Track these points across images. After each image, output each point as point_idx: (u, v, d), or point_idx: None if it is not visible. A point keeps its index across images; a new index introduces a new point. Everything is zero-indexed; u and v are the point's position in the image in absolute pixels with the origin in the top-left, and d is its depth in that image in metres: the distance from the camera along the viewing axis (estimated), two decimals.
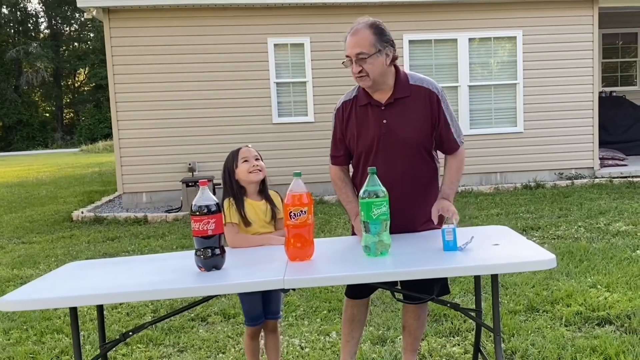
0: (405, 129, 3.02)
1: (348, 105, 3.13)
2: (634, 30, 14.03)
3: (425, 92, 3.04)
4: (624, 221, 7.22)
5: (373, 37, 2.94)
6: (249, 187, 3.22)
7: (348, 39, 2.98)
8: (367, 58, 2.92)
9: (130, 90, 10.24)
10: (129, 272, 2.77)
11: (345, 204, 3.22)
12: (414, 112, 3.03)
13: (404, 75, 3.09)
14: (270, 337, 3.38)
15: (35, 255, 7.27)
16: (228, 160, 3.26)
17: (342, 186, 3.22)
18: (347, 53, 2.96)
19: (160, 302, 5.08)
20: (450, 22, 10.81)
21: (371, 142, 3.05)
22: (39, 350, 4.23)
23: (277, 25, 10.45)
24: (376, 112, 3.06)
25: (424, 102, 3.03)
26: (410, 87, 3.05)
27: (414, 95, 3.04)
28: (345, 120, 3.13)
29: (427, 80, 3.10)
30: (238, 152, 3.23)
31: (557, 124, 11.07)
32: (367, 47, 2.92)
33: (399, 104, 3.03)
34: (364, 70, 2.93)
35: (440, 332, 4.12)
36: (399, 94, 3.03)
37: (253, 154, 3.23)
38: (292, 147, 10.20)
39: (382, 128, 3.04)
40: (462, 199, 9.65)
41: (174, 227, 8.65)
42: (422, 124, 3.04)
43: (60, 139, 46.02)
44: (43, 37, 51.71)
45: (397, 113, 3.03)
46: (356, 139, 3.10)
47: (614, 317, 4.16)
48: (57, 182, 16.82)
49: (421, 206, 3.08)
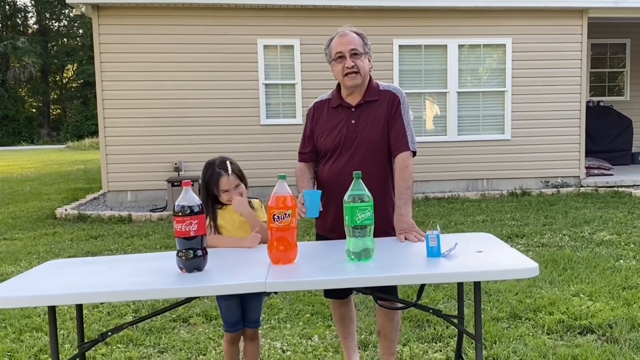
0: (369, 130, 3.18)
1: (321, 106, 3.31)
2: (623, 40, 14.13)
3: (390, 95, 3.22)
4: (608, 230, 7.26)
5: (361, 40, 3.17)
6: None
7: (337, 39, 3.15)
8: (360, 55, 3.12)
9: (117, 88, 10.18)
10: (110, 272, 2.73)
11: (299, 187, 3.26)
12: (379, 114, 3.19)
13: (375, 83, 3.27)
14: (249, 345, 3.32)
15: (16, 252, 7.19)
16: (207, 182, 3.18)
17: (300, 175, 3.32)
18: (339, 49, 3.12)
19: (142, 303, 5.04)
20: (441, 28, 10.84)
21: (338, 141, 3.19)
22: (17, 348, 4.17)
23: (267, 27, 10.42)
24: (346, 113, 3.22)
25: (387, 104, 3.20)
26: (379, 92, 3.24)
27: (381, 100, 3.21)
28: (316, 118, 3.30)
29: (393, 87, 3.30)
30: (219, 181, 3.14)
31: (544, 132, 11.13)
32: (359, 45, 3.14)
33: (368, 107, 3.20)
34: (356, 65, 3.10)
35: (422, 338, 4.11)
36: (369, 97, 3.21)
37: (233, 184, 3.17)
38: (279, 149, 10.15)
39: (349, 127, 3.19)
40: (448, 205, 9.66)
41: (158, 226, 8.59)
42: (383, 125, 3.18)
43: (47, 135, 45.73)
44: (31, 32, 51.38)
45: (365, 115, 3.19)
46: (324, 136, 3.23)
47: (596, 326, 4.17)
48: (41, 178, 16.69)
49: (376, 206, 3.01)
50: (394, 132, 3.17)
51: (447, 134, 11.04)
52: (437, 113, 11.15)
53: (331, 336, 4.20)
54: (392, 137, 3.18)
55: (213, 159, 3.24)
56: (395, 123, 3.17)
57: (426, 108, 11.14)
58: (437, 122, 11.14)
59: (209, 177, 3.19)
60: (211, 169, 3.20)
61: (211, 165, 3.21)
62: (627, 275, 5.32)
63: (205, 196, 3.18)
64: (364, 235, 2.63)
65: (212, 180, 3.18)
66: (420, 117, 11.06)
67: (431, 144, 10.88)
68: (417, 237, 2.99)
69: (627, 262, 5.79)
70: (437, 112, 11.14)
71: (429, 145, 10.80)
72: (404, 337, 4.09)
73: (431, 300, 4.86)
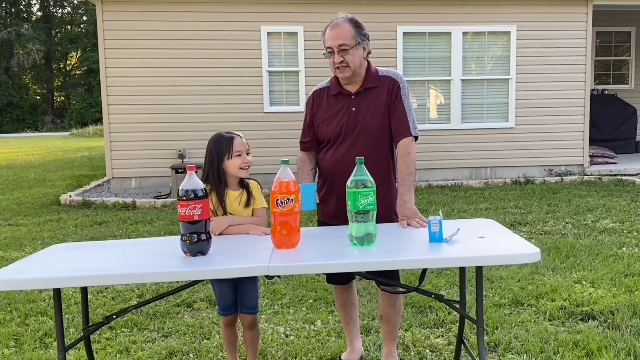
0: (370, 117, 3.18)
1: (320, 94, 3.30)
2: (628, 29, 14.07)
3: (390, 81, 3.21)
4: (611, 218, 7.26)
5: (353, 30, 3.11)
6: (231, 178, 3.15)
7: (328, 31, 3.12)
8: (348, 49, 3.08)
9: (121, 75, 10.18)
10: (114, 255, 2.76)
11: (299, 181, 3.23)
12: (379, 100, 3.18)
13: (374, 69, 3.25)
14: (248, 332, 3.32)
15: (21, 237, 7.23)
16: (218, 146, 3.10)
17: (300, 166, 3.33)
18: (329, 44, 3.11)
19: (146, 287, 5.07)
20: (445, 15, 10.80)
21: (340, 129, 3.19)
22: (23, 332, 4.21)
23: (271, 14, 10.40)
24: (346, 100, 3.21)
25: (387, 90, 3.19)
26: (379, 78, 3.22)
27: (381, 86, 3.20)
28: (315, 107, 3.29)
29: (393, 72, 3.27)
30: (232, 143, 3.09)
31: (548, 120, 11.11)
32: (349, 39, 3.08)
33: (368, 94, 3.20)
34: (345, 60, 3.09)
35: (424, 324, 4.13)
36: (369, 84, 3.20)
37: (246, 148, 3.14)
38: (283, 137, 10.15)
39: (350, 115, 3.19)
40: (452, 192, 9.67)
41: (162, 213, 8.62)
42: (384, 111, 3.18)
43: (51, 122, 45.77)
44: (35, 19, 51.30)
45: (365, 102, 3.19)
46: (325, 125, 3.23)
47: (598, 313, 4.19)
48: (46, 165, 16.73)
49: (379, 193, 2.99)
50: (395, 118, 3.17)
51: (450, 121, 11.03)
52: (441, 101, 11.13)
53: (334, 321, 4.22)
54: (393, 123, 3.18)
55: (216, 134, 3.17)
56: (396, 109, 3.17)
57: (430, 96, 11.12)
58: (441, 109, 11.12)
59: (219, 143, 3.09)
60: (219, 137, 3.12)
61: (218, 135, 3.15)
62: (630, 262, 5.33)
63: (215, 175, 3.09)
64: (366, 220, 2.65)
65: (223, 144, 3.08)
66: (424, 104, 11.05)
67: (435, 132, 10.88)
68: (419, 223, 3.00)
69: (629, 250, 5.80)
70: (441, 99, 11.13)
71: (432, 133, 10.80)
72: (406, 323, 4.12)
73: (434, 286, 4.88)
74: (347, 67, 3.09)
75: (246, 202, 3.15)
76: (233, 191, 3.15)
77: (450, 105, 11.01)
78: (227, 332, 3.35)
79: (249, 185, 3.19)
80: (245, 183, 3.19)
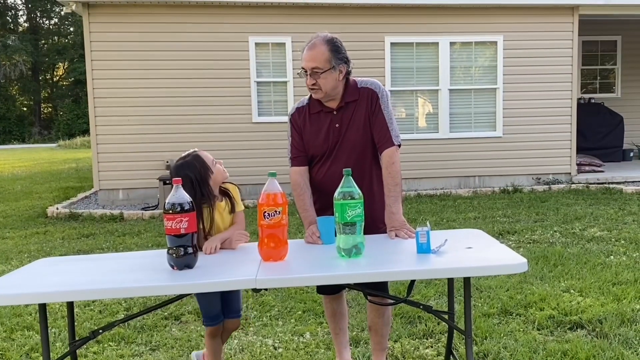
0: (353, 131, 3.15)
1: (302, 112, 3.24)
2: (614, 38, 14.20)
3: (368, 92, 3.17)
4: (599, 227, 7.29)
5: (329, 53, 3.05)
6: (215, 189, 3.14)
7: (305, 51, 3.10)
8: (321, 73, 3.04)
9: (108, 86, 10.15)
10: (100, 270, 2.74)
11: (301, 212, 3.23)
12: (359, 113, 3.16)
13: (353, 82, 3.20)
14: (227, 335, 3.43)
15: (7, 250, 7.17)
16: (195, 170, 3.04)
17: (300, 193, 3.23)
18: (303, 65, 3.09)
19: (133, 301, 5.03)
20: (432, 25, 10.85)
21: (325, 148, 3.17)
22: (9, 347, 4.16)
23: (259, 24, 10.41)
24: (329, 118, 3.18)
25: (366, 101, 3.16)
26: (358, 90, 3.18)
27: (360, 98, 3.16)
28: (300, 126, 3.23)
29: (371, 82, 3.22)
30: (202, 159, 3.08)
31: (535, 129, 11.17)
32: (323, 62, 3.04)
33: (349, 108, 3.17)
34: (317, 83, 3.05)
35: (413, 334, 4.12)
36: (349, 98, 3.16)
37: (211, 156, 3.20)
38: (271, 147, 10.14)
39: (334, 132, 3.16)
40: (440, 202, 9.69)
41: (150, 224, 8.58)
42: (365, 124, 3.16)
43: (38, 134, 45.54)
44: (22, 30, 51.11)
45: (347, 117, 3.16)
46: (311, 144, 3.20)
47: (586, 322, 4.19)
48: (32, 177, 16.62)
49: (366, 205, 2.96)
50: (377, 128, 3.15)
51: (438, 131, 11.07)
52: (429, 110, 11.17)
53: (323, 333, 4.21)
54: (375, 134, 3.16)
55: (181, 157, 3.12)
56: (376, 119, 3.15)
57: (418, 105, 11.16)
58: (429, 119, 11.16)
59: (193, 167, 3.05)
60: (188, 163, 3.07)
61: (184, 163, 3.08)
62: (618, 271, 5.35)
63: (206, 194, 3.06)
64: (354, 232, 2.64)
65: (197, 166, 3.05)
66: (412, 114, 11.09)
67: (423, 141, 10.91)
68: (407, 234, 3.00)
69: (617, 258, 5.82)
70: (429, 109, 11.17)
71: (420, 142, 10.83)
72: (395, 334, 4.10)
73: (422, 296, 4.87)
74: (318, 89, 3.07)
75: (231, 208, 3.19)
76: (220, 202, 3.16)
77: (438, 115, 11.05)
78: (212, 344, 3.33)
79: (229, 191, 3.22)
80: (224, 190, 3.21)
